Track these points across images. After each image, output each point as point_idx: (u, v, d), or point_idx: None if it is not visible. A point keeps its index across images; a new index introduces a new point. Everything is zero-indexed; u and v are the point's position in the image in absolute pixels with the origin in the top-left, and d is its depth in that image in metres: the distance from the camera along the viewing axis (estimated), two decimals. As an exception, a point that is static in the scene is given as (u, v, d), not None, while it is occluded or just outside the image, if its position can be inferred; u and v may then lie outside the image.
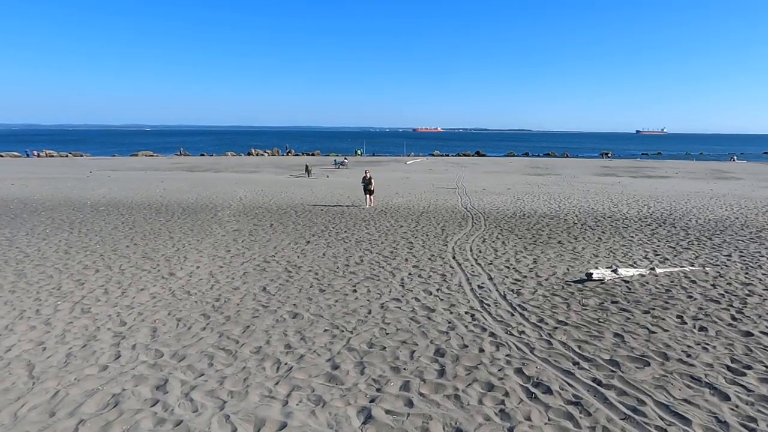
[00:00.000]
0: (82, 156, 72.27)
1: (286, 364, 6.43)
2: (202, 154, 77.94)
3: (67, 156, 70.63)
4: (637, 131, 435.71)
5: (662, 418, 5.11)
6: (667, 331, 7.46)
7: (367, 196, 21.29)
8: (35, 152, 71.08)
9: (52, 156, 69.53)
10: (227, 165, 51.71)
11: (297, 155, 77.34)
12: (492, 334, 7.37)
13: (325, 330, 7.57)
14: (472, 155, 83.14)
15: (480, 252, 12.74)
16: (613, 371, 6.17)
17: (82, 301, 8.88)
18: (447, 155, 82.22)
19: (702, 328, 7.53)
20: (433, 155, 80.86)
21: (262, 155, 76.07)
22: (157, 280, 10.23)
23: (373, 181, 21.39)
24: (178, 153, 78.90)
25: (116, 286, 9.75)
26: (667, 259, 11.96)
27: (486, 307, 8.61)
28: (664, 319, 7.95)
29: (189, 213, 19.12)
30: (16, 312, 8.28)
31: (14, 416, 5.19)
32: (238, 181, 33.16)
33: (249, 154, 78.32)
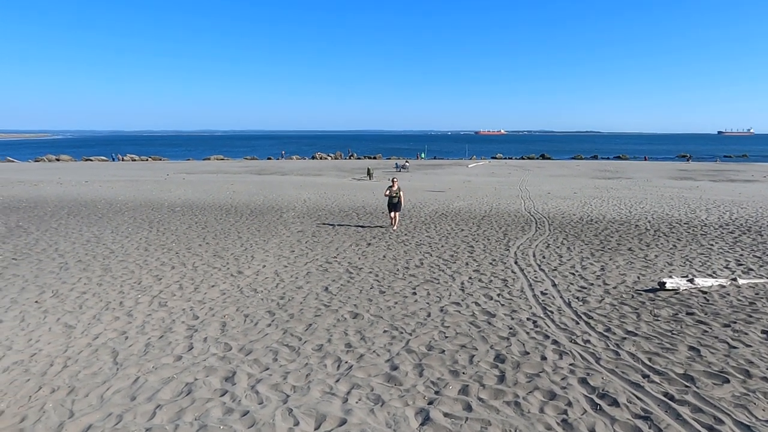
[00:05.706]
0: (160, 160, 77.21)
1: (346, 362, 6.58)
2: (269, 158, 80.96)
3: (147, 160, 75.68)
4: (719, 132, 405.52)
5: (742, 439, 4.77)
6: (750, 346, 6.93)
7: (392, 213, 16.35)
8: (120, 156, 76.85)
9: (134, 160, 74.80)
10: (292, 168, 53.38)
11: (359, 158, 78.54)
12: (555, 342, 7.16)
13: (385, 331, 7.67)
14: (537, 158, 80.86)
15: (544, 257, 12.39)
16: (687, 386, 5.81)
17: (160, 295, 9.51)
18: (510, 158, 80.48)
19: (791, 345, 6.93)
20: (495, 158, 79.41)
21: (326, 159, 77.89)
22: (226, 277, 10.77)
23: (401, 193, 16.43)
24: (280, 157, 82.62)
25: (190, 282, 10.36)
26: (751, 270, 11.09)
27: (549, 314, 8.37)
28: (746, 333, 7.39)
29: (256, 214, 19.94)
30: (102, 303, 9.01)
31: (101, 398, 5.67)
32: (303, 184, 34.15)
33: (313, 157, 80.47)
